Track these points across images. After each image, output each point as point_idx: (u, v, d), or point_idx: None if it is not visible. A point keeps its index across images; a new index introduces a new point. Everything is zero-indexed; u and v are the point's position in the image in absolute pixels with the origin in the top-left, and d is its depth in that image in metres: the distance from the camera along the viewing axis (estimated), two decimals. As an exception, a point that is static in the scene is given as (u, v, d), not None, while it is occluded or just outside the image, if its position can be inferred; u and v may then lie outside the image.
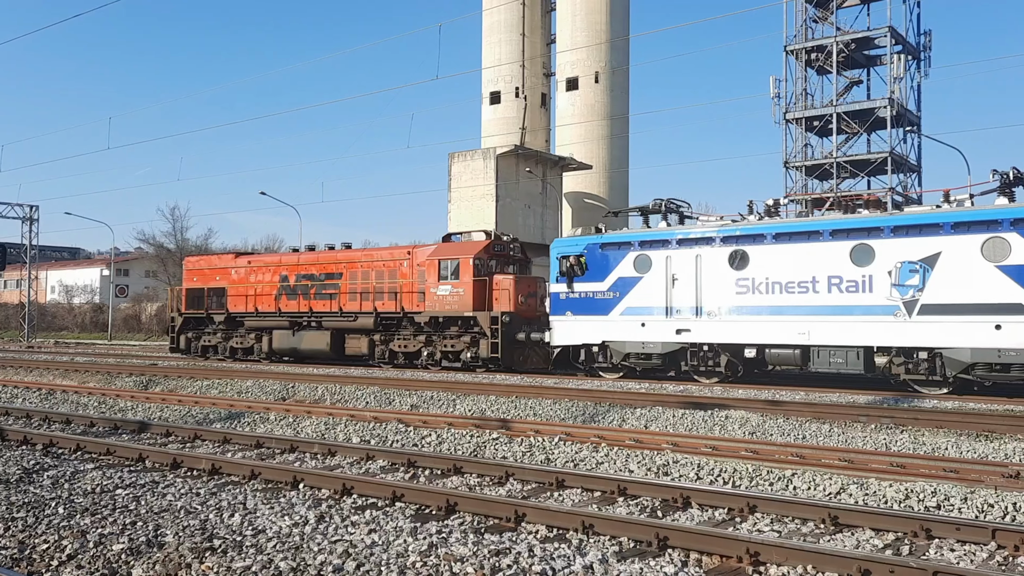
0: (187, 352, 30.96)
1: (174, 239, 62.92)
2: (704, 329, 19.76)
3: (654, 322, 20.40)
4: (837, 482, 7.97)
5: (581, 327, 21.52)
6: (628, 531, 6.07)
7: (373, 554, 5.54)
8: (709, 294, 19.71)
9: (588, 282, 21.49)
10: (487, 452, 10.23)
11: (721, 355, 19.74)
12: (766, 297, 19.03)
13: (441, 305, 24.33)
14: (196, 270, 31.68)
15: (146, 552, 5.58)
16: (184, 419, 13.86)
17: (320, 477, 8.05)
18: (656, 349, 20.38)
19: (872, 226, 18.08)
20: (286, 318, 27.92)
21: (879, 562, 5.09)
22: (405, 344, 25.22)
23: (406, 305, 25.13)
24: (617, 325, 20.91)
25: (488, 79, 54.13)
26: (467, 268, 23.91)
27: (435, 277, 24.47)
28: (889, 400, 15.90)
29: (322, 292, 27.24)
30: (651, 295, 20.45)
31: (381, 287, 25.86)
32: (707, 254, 19.86)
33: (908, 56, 41.39)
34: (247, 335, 29.19)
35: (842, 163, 41.31)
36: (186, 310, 31.15)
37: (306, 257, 28.68)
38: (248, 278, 29.48)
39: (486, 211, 44.85)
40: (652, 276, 20.49)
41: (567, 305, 21.79)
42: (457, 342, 24.18)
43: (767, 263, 19.10)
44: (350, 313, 26.32)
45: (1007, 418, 12.60)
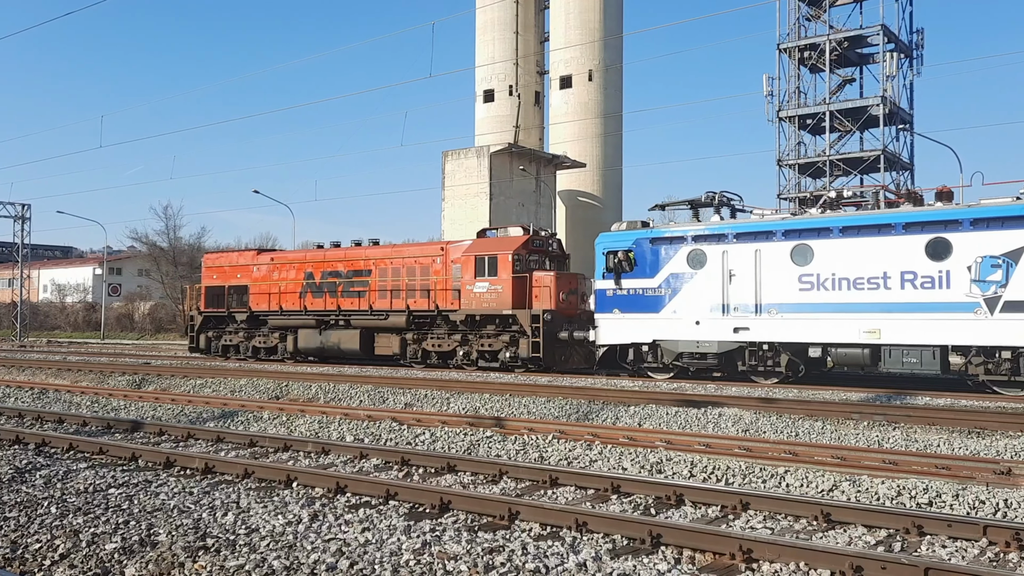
0: (207, 352, 30.19)
1: (167, 238, 62.74)
2: (764, 327, 18.96)
3: (709, 320, 19.62)
4: (830, 479, 8.00)
5: (629, 325, 20.75)
6: (621, 529, 6.08)
7: (367, 552, 5.54)
8: (770, 291, 18.93)
9: (637, 278, 20.70)
10: (481, 450, 10.23)
11: (781, 354, 19.02)
12: (832, 294, 18.21)
13: (478, 303, 23.59)
14: (216, 267, 30.74)
15: (139, 551, 5.57)
16: (177, 418, 13.83)
17: (314, 476, 8.05)
18: (712, 348, 19.60)
19: (950, 219, 17.13)
20: (312, 316, 27.15)
21: (871, 559, 5.11)
22: (439, 343, 24.45)
23: (440, 303, 24.39)
24: (669, 323, 20.13)
25: (481, 77, 54.11)
26: (506, 264, 23.17)
27: (471, 274, 23.69)
28: (881, 397, 15.96)
29: (350, 290, 26.54)
30: (706, 292, 19.68)
31: (413, 284, 25.12)
32: (767, 249, 19.04)
33: (900, 54, 41.51)
34: (271, 334, 28.40)
35: (835, 161, 41.41)
36: (206, 308, 30.33)
37: (332, 254, 27.79)
38: (271, 275, 28.75)
39: (480, 209, 44.84)
40: (707, 272, 19.71)
41: (614, 302, 21.00)
42: (495, 341, 23.41)
43: (834, 258, 18.26)
44: (380, 311, 25.58)
45: (998, 415, 12.66)
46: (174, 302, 58.84)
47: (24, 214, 50.77)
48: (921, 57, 43.09)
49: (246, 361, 28.03)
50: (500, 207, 45.24)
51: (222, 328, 29.99)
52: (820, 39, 41.54)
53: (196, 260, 63.53)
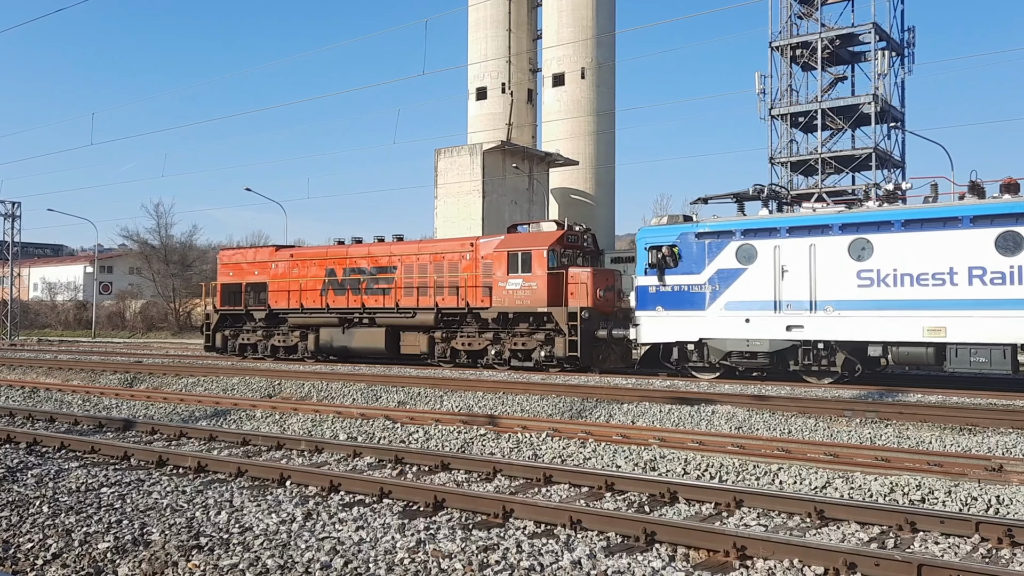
0: (224, 351, 29.31)
1: (158, 236, 62.46)
2: (819, 325, 18.19)
3: (760, 318, 18.84)
4: (823, 476, 8.02)
5: (674, 323, 19.95)
6: (616, 526, 6.09)
7: (361, 551, 5.53)
8: (825, 287, 18.16)
9: (682, 274, 19.91)
10: (475, 448, 10.23)
11: (837, 353, 18.33)
12: (894, 290, 17.44)
13: (511, 300, 22.80)
14: (232, 264, 29.82)
15: (132, 551, 5.55)
16: (169, 417, 13.78)
17: (307, 474, 8.03)
18: (763, 347, 18.84)
19: (1021, 211, 16.38)
20: (335, 314, 26.29)
21: (865, 555, 5.13)
22: (469, 342, 23.67)
23: (470, 300, 23.59)
24: (716, 321, 19.37)
25: (474, 75, 54.06)
26: (540, 260, 22.38)
27: (504, 270, 22.91)
28: (874, 394, 16.01)
29: (374, 287, 25.80)
30: (756, 288, 18.90)
31: (441, 281, 24.36)
32: (823, 244, 18.27)
33: (892, 52, 41.64)
34: (290, 333, 27.53)
35: (827, 159, 41.53)
36: (221, 306, 29.46)
37: (355, 250, 27.04)
38: (290, 272, 27.88)
39: (472, 207, 44.82)
40: (758, 267, 18.94)
41: (657, 299, 20.20)
42: (528, 340, 22.61)
43: (895, 253, 17.50)
44: (407, 309, 24.79)
45: (990, 412, 12.72)
46: (166, 300, 58.66)
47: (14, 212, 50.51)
48: (912, 55, 43.24)
49: (264, 360, 27.27)
50: (493, 205, 45.23)
51: (239, 327, 29.16)
52: (812, 37, 41.64)
53: (188, 258, 63.47)
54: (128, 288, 67.22)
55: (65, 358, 28.35)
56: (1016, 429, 11.50)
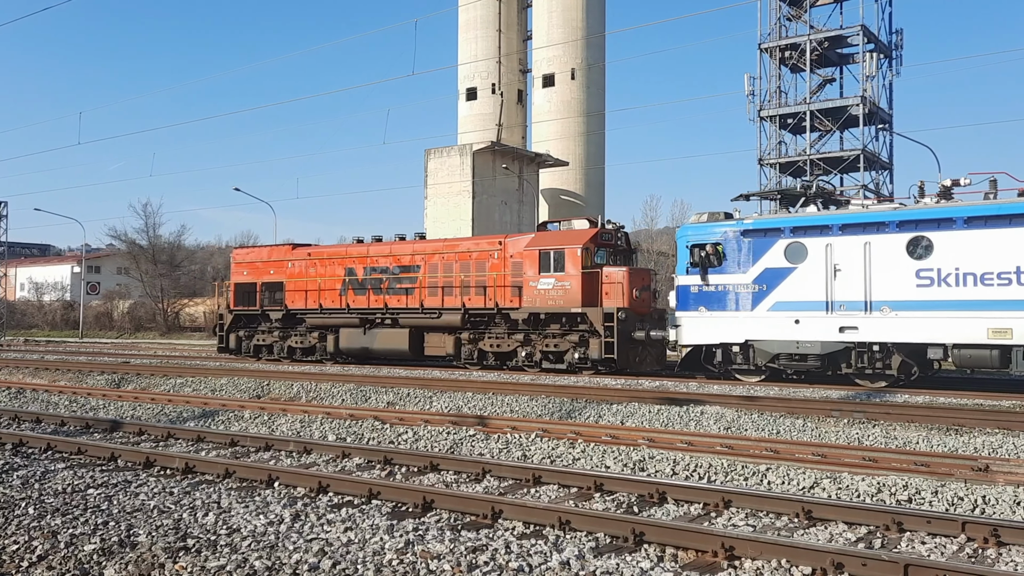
0: (237, 352, 28.57)
1: (146, 235, 62.14)
2: (875, 326, 17.49)
3: (811, 319, 18.12)
4: (811, 476, 8.05)
5: (718, 324, 19.24)
6: (604, 527, 6.09)
7: (349, 552, 5.52)
8: (881, 287, 17.46)
9: (727, 273, 19.19)
10: (464, 449, 10.22)
11: (893, 356, 17.65)
12: (955, 290, 16.76)
13: (542, 300, 22.14)
14: (246, 263, 28.97)
15: (118, 552, 5.52)
16: (157, 417, 13.72)
17: (295, 475, 8.00)
18: (814, 349, 18.15)
19: None
20: (356, 315, 25.59)
21: (852, 555, 5.15)
22: (498, 343, 23.01)
23: (499, 300, 22.87)
24: (764, 322, 18.66)
25: (464, 75, 54.04)
26: (574, 259, 21.68)
27: (535, 269, 22.23)
28: (861, 395, 16.08)
29: (396, 286, 25.07)
30: (807, 288, 18.22)
31: (468, 281, 23.64)
32: (879, 242, 17.58)
33: (880, 54, 41.85)
34: (308, 334, 26.81)
35: (815, 160, 41.70)
36: (235, 306, 28.70)
37: (377, 248, 26.31)
38: (308, 271, 27.14)
39: (463, 208, 44.81)
40: (808, 266, 18.26)
41: (700, 300, 19.52)
42: (561, 341, 21.96)
43: (957, 251, 16.79)
44: (432, 309, 24.10)
45: (976, 412, 12.80)
46: (154, 300, 58.38)
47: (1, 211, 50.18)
48: (900, 57, 43.48)
49: (280, 362, 26.64)
50: (483, 205, 45.23)
51: (253, 327, 28.39)
52: (801, 39, 41.81)
53: (176, 258, 63.18)
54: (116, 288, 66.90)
55: (52, 359, 28.17)
56: (1002, 429, 11.58)
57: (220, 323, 29.54)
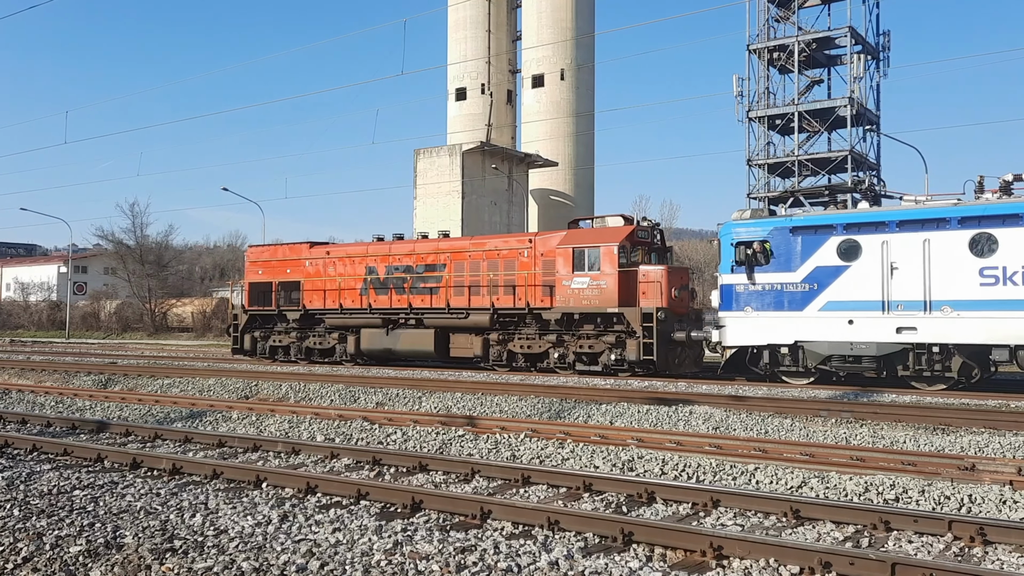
0: (252, 353, 27.73)
1: (134, 235, 61.79)
2: (935, 327, 16.78)
3: (866, 319, 17.42)
4: (799, 476, 8.08)
5: (765, 325, 18.53)
6: (593, 527, 6.09)
7: (337, 553, 5.49)
8: (942, 285, 16.79)
9: (774, 272, 18.48)
10: (453, 449, 10.20)
11: (954, 357, 16.98)
12: (1022, 289, 16.12)
13: (576, 300, 21.44)
14: (262, 262, 28.16)
15: (104, 554, 5.48)
16: (144, 418, 13.64)
17: (283, 476, 7.97)
18: (869, 351, 17.42)
19: None
20: (379, 315, 24.89)
21: (839, 554, 5.17)
22: (528, 344, 22.35)
23: (530, 300, 22.26)
24: (815, 322, 17.95)
25: (454, 75, 54.02)
26: (610, 257, 20.99)
27: (568, 268, 21.56)
28: (849, 395, 16.16)
29: (420, 286, 24.31)
30: (861, 287, 17.51)
31: (496, 280, 22.90)
32: (939, 239, 16.87)
33: (867, 56, 42.08)
34: (328, 335, 26.11)
35: (803, 161, 41.88)
36: (249, 306, 27.91)
37: (399, 247, 25.63)
38: (326, 270, 26.40)
39: (452, 208, 44.78)
40: (863, 265, 17.58)
41: (746, 299, 18.79)
42: (596, 343, 21.20)
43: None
44: (459, 309, 23.40)
45: (963, 412, 12.88)
46: (141, 301, 58.07)
47: (-14, 211, 49.77)
48: (888, 59, 43.71)
49: (297, 364, 25.97)
50: (472, 205, 45.21)
51: (269, 328, 27.64)
52: (789, 40, 41.98)
53: (164, 258, 62.86)
54: (103, 288, 66.51)
55: (38, 359, 27.97)
56: (988, 428, 11.66)
57: (234, 323, 28.64)
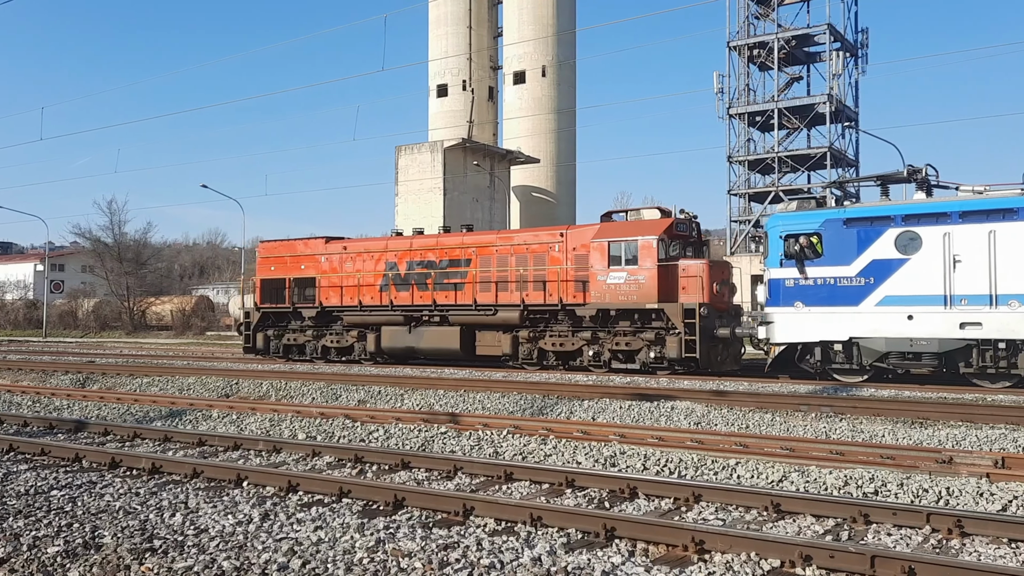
0: (265, 352, 26.78)
1: (111, 233, 61.20)
2: (1002, 322, 16.10)
3: (927, 314, 16.67)
4: (779, 470, 8.13)
5: (817, 321, 17.74)
6: (576, 522, 6.10)
7: (319, 551, 5.47)
8: (1009, 279, 16.09)
9: (827, 266, 17.72)
10: (435, 446, 10.19)
11: (1021, 353, 16.28)
12: None
13: (613, 296, 20.61)
14: (274, 258, 27.17)
15: (83, 554, 5.42)
16: (123, 417, 13.51)
17: (264, 474, 7.92)
18: (930, 347, 16.69)
19: None
20: (401, 312, 24.02)
21: (820, 548, 5.20)
22: (561, 342, 21.57)
23: (563, 296, 21.52)
24: (871, 318, 17.19)
25: (435, 72, 53.87)
26: (649, 252, 20.12)
27: (604, 263, 20.68)
28: (828, 389, 16.28)
29: (444, 282, 23.46)
30: (922, 281, 16.79)
31: (525, 275, 22.08)
32: (1007, 230, 16.16)
33: (846, 53, 42.41)
34: (346, 333, 25.23)
35: (783, 157, 42.17)
36: (262, 304, 26.97)
37: (421, 241, 24.77)
38: (343, 266, 25.51)
39: (434, 204, 44.70)
40: (923, 257, 16.81)
41: (796, 294, 17.98)
42: (634, 340, 20.37)
43: None
44: (487, 306, 22.60)
45: (940, 405, 13.01)
46: (119, 299, 57.54)
47: (-39, 209, 49.14)
48: (866, 56, 44.13)
49: (313, 363, 25.11)
50: (454, 202, 45.14)
51: (283, 326, 26.71)
52: (769, 37, 42.23)
53: (142, 256, 62.32)
54: (80, 287, 65.83)
55: (14, 358, 27.63)
56: (965, 422, 11.80)
57: (246, 321, 27.66)
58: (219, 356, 30.18)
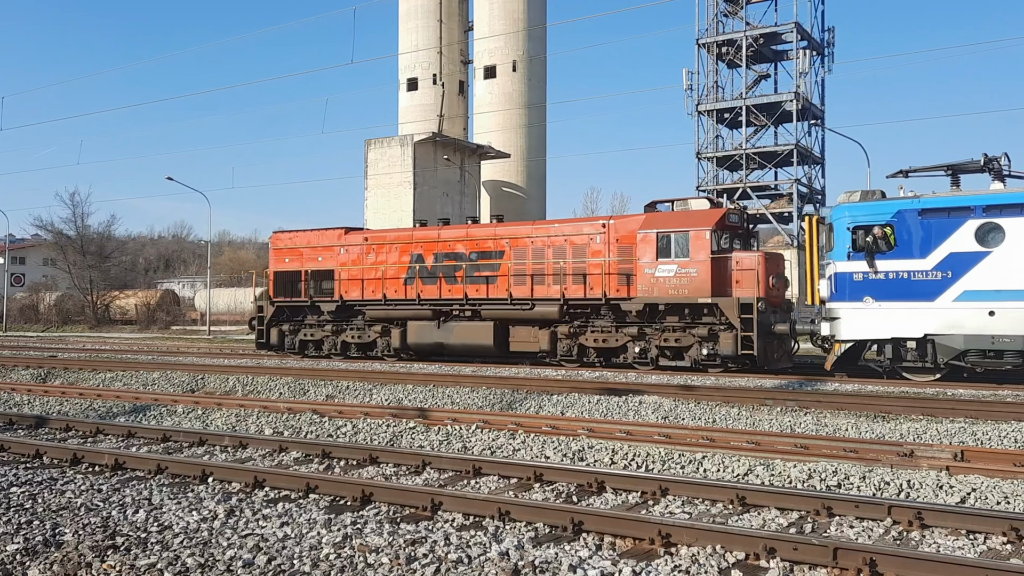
0: (280, 348, 25.79)
1: (74, 225, 60.18)
2: None
3: (1011, 310, 15.91)
4: (745, 464, 8.22)
5: (889, 317, 16.94)
6: (543, 517, 6.12)
7: (285, 547, 5.43)
8: None
9: (900, 259, 16.91)
10: (404, 441, 10.16)
11: None
12: None
13: (662, 289, 19.77)
14: (289, 249, 26.06)
15: (43, 552, 5.33)
16: (85, 413, 13.29)
17: (230, 470, 7.84)
18: (1014, 345, 15.94)
19: None
20: (429, 306, 23.07)
21: (784, 540, 5.27)
22: (604, 338, 20.70)
23: (607, 290, 20.60)
24: (949, 314, 16.43)
25: (405, 65, 53.60)
26: (701, 243, 19.39)
27: (652, 255, 19.90)
28: (794, 384, 16.49)
29: (474, 275, 22.57)
30: (1005, 275, 16.01)
31: (563, 268, 21.22)
32: None
33: (813, 51, 42.90)
34: (368, 328, 24.27)
35: (751, 154, 42.59)
36: (275, 297, 25.92)
37: (449, 232, 23.83)
38: (365, 258, 24.51)
39: (404, 199, 44.51)
40: (1006, 250, 16.03)
41: (865, 288, 17.21)
42: (684, 336, 19.61)
43: None
44: (523, 300, 21.72)
45: (902, 400, 13.24)
46: (82, 293, 56.59)
47: (-83, 200, 47.98)
48: (832, 55, 44.67)
49: (331, 359, 24.26)
50: (424, 197, 44.99)
51: (298, 320, 25.70)
52: (737, 35, 42.59)
53: (106, 249, 61.38)
54: (42, 280, 64.71)
55: (-27, 353, 27.06)
56: (926, 416, 12.01)
57: (259, 316, 26.46)
58: (185, 351, 29.82)
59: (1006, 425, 10.85)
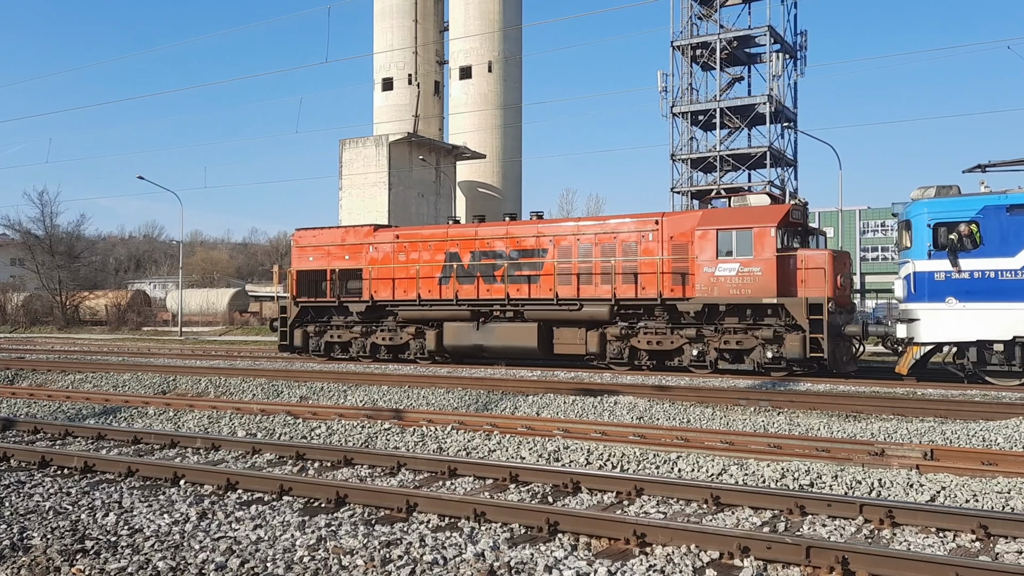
0: (304, 351, 24.65)
1: (43, 225, 59.21)
2: None
3: None
4: (719, 463, 8.27)
5: (974, 318, 16.14)
6: (519, 517, 6.11)
7: (259, 550, 5.38)
8: None
9: (986, 257, 16.09)
10: (379, 443, 10.11)
11: None
12: None
13: (722, 289, 18.81)
14: (313, 247, 24.99)
15: (10, 556, 5.23)
16: (54, 415, 13.09)
17: (202, 473, 7.75)
18: None
19: None
20: (467, 307, 22.10)
21: (757, 539, 5.31)
22: (658, 340, 19.71)
23: (661, 289, 19.68)
24: None
25: (380, 65, 53.40)
26: (766, 240, 18.39)
27: (711, 253, 18.90)
28: (767, 384, 16.63)
29: (514, 274, 21.60)
30: None
31: (612, 267, 20.29)
32: None
33: (786, 55, 43.31)
34: (400, 329, 23.25)
35: (725, 157, 42.90)
36: (298, 296, 24.91)
37: (488, 230, 22.64)
38: (397, 257, 23.51)
39: (379, 199, 44.34)
40: None
41: (948, 288, 16.41)
42: (746, 338, 18.66)
43: None
44: (570, 300, 20.77)
45: (873, 399, 13.40)
46: (51, 293, 55.73)
47: None
48: (805, 58, 45.10)
49: (359, 362, 23.29)
50: (399, 197, 44.86)
51: (324, 321, 24.65)
52: (711, 38, 42.87)
53: (75, 249, 60.47)
54: (9, 280, 63.60)
55: (-62, 354, 26.54)
56: (896, 415, 12.17)
57: (282, 317, 25.20)
58: (156, 352, 29.48)
59: (975, 424, 11.02)
